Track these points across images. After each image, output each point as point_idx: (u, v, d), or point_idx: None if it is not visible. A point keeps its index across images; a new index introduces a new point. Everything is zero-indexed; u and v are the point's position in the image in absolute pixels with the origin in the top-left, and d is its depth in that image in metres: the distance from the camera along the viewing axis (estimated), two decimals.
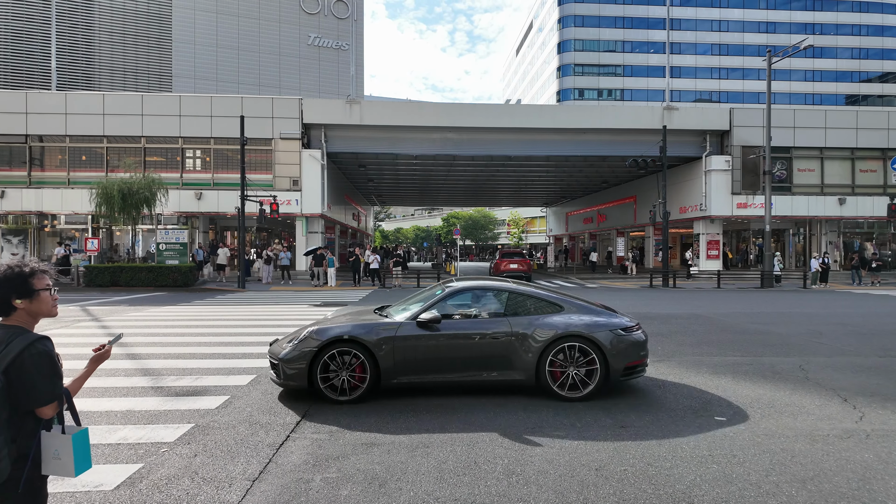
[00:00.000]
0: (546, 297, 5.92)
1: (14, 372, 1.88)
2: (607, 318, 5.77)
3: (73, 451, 1.95)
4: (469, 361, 5.52)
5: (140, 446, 4.26)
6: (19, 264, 2.05)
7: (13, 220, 25.55)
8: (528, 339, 5.47)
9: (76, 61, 53.62)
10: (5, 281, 1.99)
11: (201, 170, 25.83)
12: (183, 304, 14.63)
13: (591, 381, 5.43)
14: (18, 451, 1.91)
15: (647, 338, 5.92)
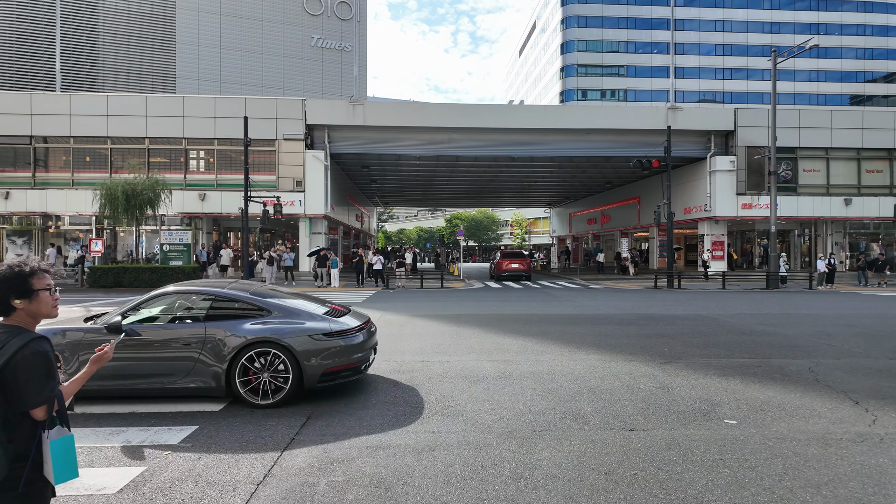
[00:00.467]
0: (252, 301, 5.71)
1: (8, 372, 1.86)
2: (312, 322, 5.61)
3: (52, 457, 1.90)
4: (159, 368, 5.33)
5: (143, 449, 4.22)
6: (19, 264, 2.01)
7: (17, 221, 25.63)
8: (219, 345, 5.30)
9: (80, 63, 53.81)
10: (4, 281, 1.97)
11: (205, 171, 25.85)
12: None
13: (286, 386, 5.30)
14: (16, 451, 1.88)
15: (368, 340, 5.87)
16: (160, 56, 53.20)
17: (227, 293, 5.88)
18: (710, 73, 70.34)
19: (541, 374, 6.65)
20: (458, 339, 9.18)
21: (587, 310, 14.24)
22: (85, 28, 54.30)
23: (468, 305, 15.29)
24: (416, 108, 28.50)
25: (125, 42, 53.91)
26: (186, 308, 5.88)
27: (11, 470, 1.86)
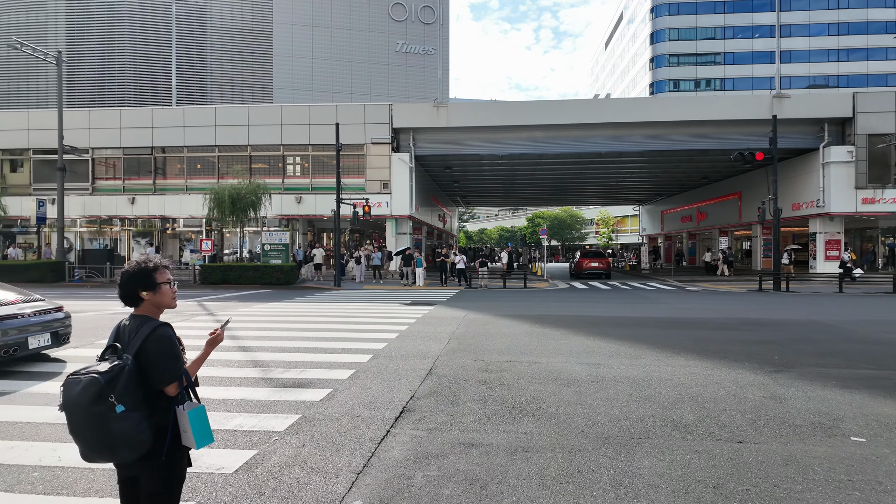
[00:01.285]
0: None
1: (143, 355, 2.15)
2: None
3: (191, 425, 2.18)
4: None
5: (254, 434, 4.55)
6: (144, 261, 2.32)
7: (141, 224, 28.63)
8: None
9: (192, 78, 59.02)
10: (133, 276, 2.26)
11: (300, 175, 27.42)
12: (286, 301, 15.59)
13: None
14: (158, 424, 2.15)
15: None
16: (259, 68, 57.13)
17: None
18: (822, 56, 63.82)
19: (636, 379, 6.38)
20: (545, 340, 9.03)
21: (682, 313, 13.47)
22: (196, 47, 59.53)
23: (553, 306, 15.01)
24: (497, 108, 28.39)
25: (229, 57, 58.47)
26: None
27: (155, 441, 2.14)
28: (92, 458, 2.11)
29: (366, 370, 6.82)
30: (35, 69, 58.31)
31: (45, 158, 27.08)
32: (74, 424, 2.05)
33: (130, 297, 2.27)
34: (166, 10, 59.75)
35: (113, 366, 2.07)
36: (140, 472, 2.20)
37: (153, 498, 2.20)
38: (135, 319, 2.27)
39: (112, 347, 2.19)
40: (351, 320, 11.42)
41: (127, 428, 2.02)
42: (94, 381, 2.00)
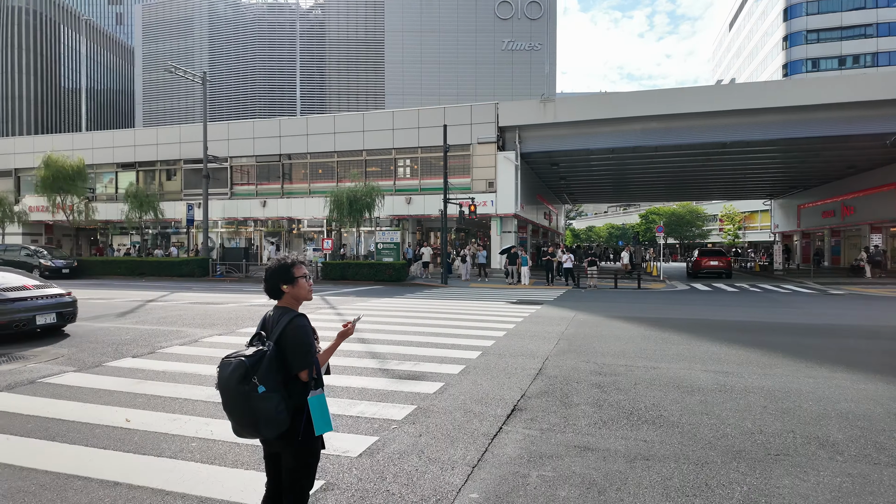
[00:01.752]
0: None
1: (282, 342, 2.38)
2: None
3: (311, 411, 2.36)
4: None
5: (374, 421, 4.82)
6: (284, 258, 2.59)
7: (271, 225, 31.48)
8: None
9: (313, 90, 63.61)
10: (275, 271, 2.53)
11: (410, 177, 28.47)
12: (397, 297, 16.29)
13: None
14: (295, 406, 2.37)
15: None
16: (373, 76, 60.10)
17: None
18: None
19: (770, 390, 5.81)
20: (664, 345, 8.53)
21: (824, 319, 12.00)
22: (316, 60, 64.09)
23: (671, 308, 14.12)
24: (607, 100, 27.26)
25: (346, 68, 62.17)
26: None
27: (293, 421, 2.36)
28: (241, 433, 2.38)
29: (475, 367, 6.92)
30: (184, 89, 66.54)
31: (193, 167, 30.79)
32: (226, 402, 2.33)
33: (273, 290, 2.54)
34: (290, 28, 65.16)
35: (256, 350, 2.33)
36: (281, 449, 2.44)
37: (292, 473, 2.43)
38: (277, 310, 2.53)
39: (258, 335, 2.47)
40: (459, 317, 11.64)
41: (268, 407, 2.26)
42: (241, 363, 2.27)
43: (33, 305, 8.90)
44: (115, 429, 4.66)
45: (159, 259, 27.34)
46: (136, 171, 32.78)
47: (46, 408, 5.23)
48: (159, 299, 15.30)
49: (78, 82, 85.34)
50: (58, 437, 4.46)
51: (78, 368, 6.83)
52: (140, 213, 27.50)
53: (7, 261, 24.79)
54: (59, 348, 8.06)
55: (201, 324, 10.60)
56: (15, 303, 8.67)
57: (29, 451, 4.18)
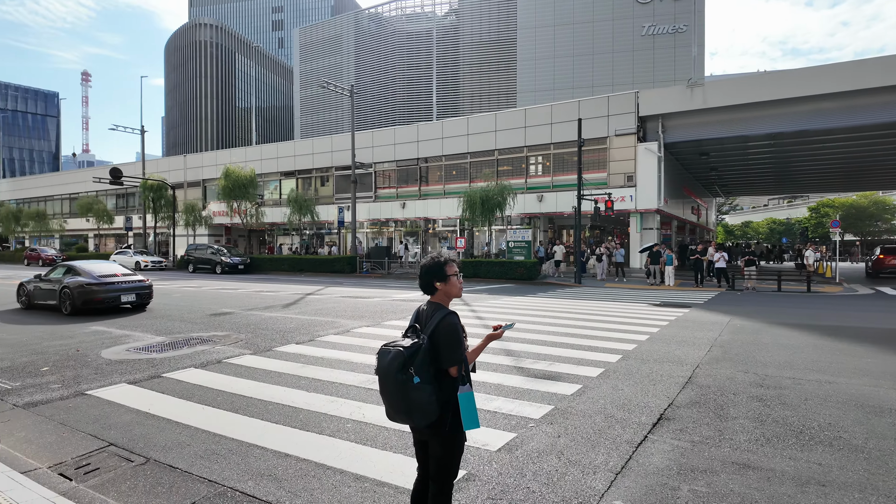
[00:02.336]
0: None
1: (435, 337, 2.48)
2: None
3: (461, 407, 2.44)
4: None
5: (511, 418, 4.87)
6: (437, 256, 2.68)
7: (409, 225, 33.20)
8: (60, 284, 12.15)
9: (448, 94, 65.72)
10: (430, 269, 2.65)
11: (542, 174, 28.11)
12: (529, 296, 16.20)
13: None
14: (444, 399, 2.47)
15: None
16: (504, 76, 60.37)
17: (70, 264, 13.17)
18: None
19: None
20: (842, 357, 7.40)
21: None
22: (450, 65, 66.11)
23: (850, 315, 12.17)
24: (768, 80, 24.21)
25: (478, 70, 63.25)
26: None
27: (442, 413, 2.47)
28: (393, 417, 2.55)
29: (615, 370, 6.64)
30: (335, 102, 72.85)
31: (343, 174, 33.61)
32: (383, 388, 2.51)
33: (427, 287, 2.68)
34: (427, 36, 68.00)
35: (413, 342, 2.47)
36: (429, 438, 2.58)
37: (438, 461, 2.57)
38: (430, 306, 2.66)
39: (413, 328, 2.63)
40: (595, 318, 11.23)
41: (421, 397, 2.39)
42: (400, 353, 2.43)
43: (120, 288, 12.29)
44: (285, 406, 5.29)
45: (315, 257, 30.37)
46: (295, 178, 36.71)
47: (230, 384, 6.11)
48: (316, 293, 16.98)
49: (249, 102, 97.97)
50: (240, 410, 5.19)
51: (253, 352, 7.87)
52: (299, 216, 30.76)
53: (197, 257, 29.44)
54: (238, 334, 9.35)
55: (352, 315, 11.56)
56: (107, 285, 12.04)
57: (219, 420, 4.92)
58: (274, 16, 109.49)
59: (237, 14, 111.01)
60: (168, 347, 8.16)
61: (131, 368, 6.84)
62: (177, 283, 21.09)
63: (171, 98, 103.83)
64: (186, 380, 6.31)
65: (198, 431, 4.60)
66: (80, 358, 7.46)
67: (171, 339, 8.90)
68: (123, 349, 8.04)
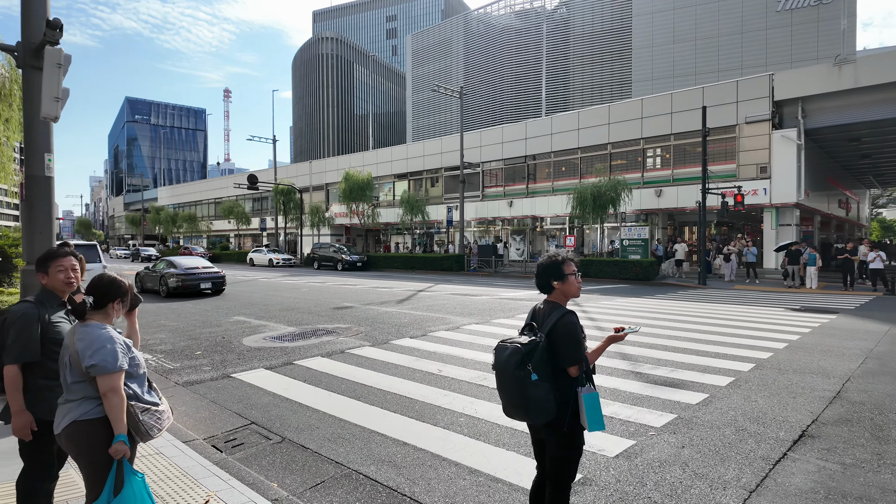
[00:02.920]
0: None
1: (552, 336, 2.46)
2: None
3: (585, 408, 2.40)
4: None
5: (629, 424, 4.66)
6: (554, 255, 2.63)
7: (517, 223, 33.02)
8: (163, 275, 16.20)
9: (557, 89, 64.35)
10: (547, 267, 2.62)
11: (661, 167, 26.45)
12: (646, 297, 15.34)
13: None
14: (561, 399, 2.44)
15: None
16: (618, 66, 57.72)
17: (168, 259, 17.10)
18: None
19: None
20: None
21: None
22: (560, 59, 64.66)
23: None
24: None
25: (590, 62, 61.17)
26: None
27: (559, 412, 2.44)
28: (511, 413, 2.56)
29: (747, 380, 6.08)
30: (444, 105, 74.55)
31: (452, 174, 34.31)
32: (501, 383, 2.53)
33: (544, 286, 2.66)
34: (536, 32, 67.09)
35: (531, 340, 2.46)
36: (547, 436, 2.56)
37: (556, 461, 2.55)
38: (547, 304, 2.64)
39: (529, 326, 2.62)
40: (723, 323, 10.35)
41: (538, 394, 2.38)
42: (518, 349, 2.43)
43: (200, 277, 15.98)
44: (401, 397, 5.55)
45: (425, 255, 31.39)
46: (408, 180, 38.18)
47: (352, 373, 6.53)
48: (426, 290, 17.54)
49: (366, 109, 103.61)
50: (361, 398, 5.53)
51: (372, 344, 8.33)
52: (411, 216, 31.96)
53: (321, 255, 31.81)
54: (358, 326, 9.95)
55: (461, 313, 11.78)
56: (192, 276, 15.84)
57: (343, 406, 5.29)
58: (388, 25, 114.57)
59: (355, 26, 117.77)
60: (298, 337, 8.92)
61: (268, 355, 7.59)
62: (304, 279, 22.94)
63: (298, 108, 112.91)
64: (314, 367, 6.86)
65: (325, 416, 4.99)
66: (225, 344, 8.43)
67: (300, 329, 9.72)
68: (261, 337, 8.94)
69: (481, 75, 73.52)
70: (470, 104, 67.19)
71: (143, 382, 2.48)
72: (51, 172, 5.17)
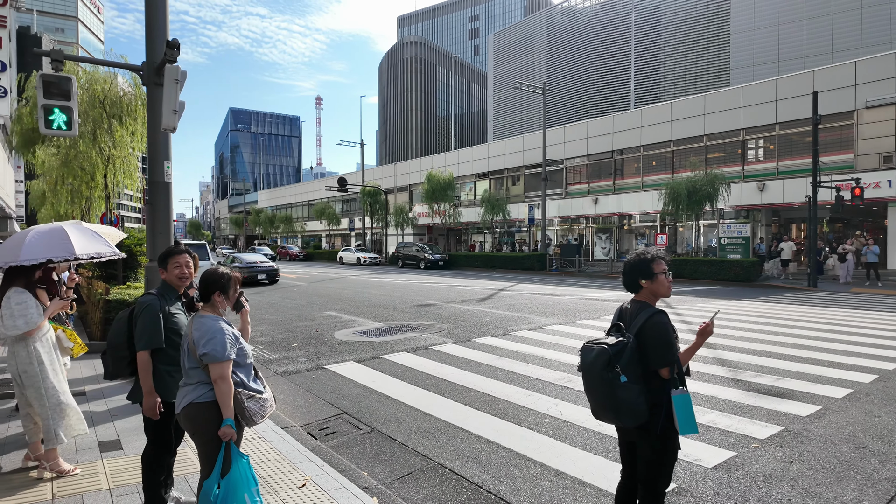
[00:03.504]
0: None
1: (642, 336, 2.37)
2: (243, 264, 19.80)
3: (675, 411, 2.30)
4: None
5: (729, 434, 4.36)
6: (643, 252, 2.53)
7: (602, 221, 31.92)
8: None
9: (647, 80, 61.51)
10: (635, 265, 2.53)
11: (763, 159, 24.40)
12: (748, 300, 14.24)
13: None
14: (652, 401, 2.34)
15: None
16: (714, 53, 54.08)
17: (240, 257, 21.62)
18: None
19: None
20: None
21: None
22: (651, 48, 61.72)
23: None
24: None
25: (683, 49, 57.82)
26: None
27: (651, 415, 2.34)
28: (600, 416, 2.50)
29: (868, 392, 5.47)
30: (527, 102, 73.72)
31: (533, 172, 33.83)
32: (589, 385, 2.46)
33: (632, 284, 2.56)
34: (624, 22, 64.47)
35: (619, 341, 2.38)
36: (637, 439, 2.47)
37: (648, 465, 2.44)
38: (635, 304, 2.55)
39: (616, 326, 2.53)
40: (838, 329, 9.36)
41: (628, 396, 2.30)
42: (604, 350, 2.36)
43: (258, 270, 19.45)
44: (484, 395, 5.57)
45: (506, 254, 31.21)
46: (488, 179, 38.16)
47: (436, 369, 6.65)
48: (507, 289, 17.45)
49: (448, 110, 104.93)
50: (445, 394, 5.62)
51: (454, 341, 8.44)
52: (492, 215, 31.94)
53: (404, 254, 32.69)
54: (441, 324, 10.12)
55: (543, 312, 11.60)
56: (251, 269, 19.22)
57: (428, 400, 5.41)
58: (470, 25, 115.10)
59: (437, 28, 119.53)
60: (385, 332, 9.23)
61: (357, 349, 7.93)
62: (389, 277, 23.68)
63: (384, 113, 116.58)
64: (400, 362, 7.07)
65: (411, 409, 5.13)
66: (319, 337, 8.91)
67: (386, 325, 10.05)
68: (350, 332, 9.35)
69: (565, 70, 71.83)
70: (553, 100, 65.86)
71: (250, 371, 2.69)
72: (169, 178, 5.74)
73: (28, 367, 3.53)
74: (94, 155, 13.36)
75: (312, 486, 3.37)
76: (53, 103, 5.68)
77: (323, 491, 3.31)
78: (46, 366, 3.61)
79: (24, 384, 3.54)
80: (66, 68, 6.24)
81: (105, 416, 4.74)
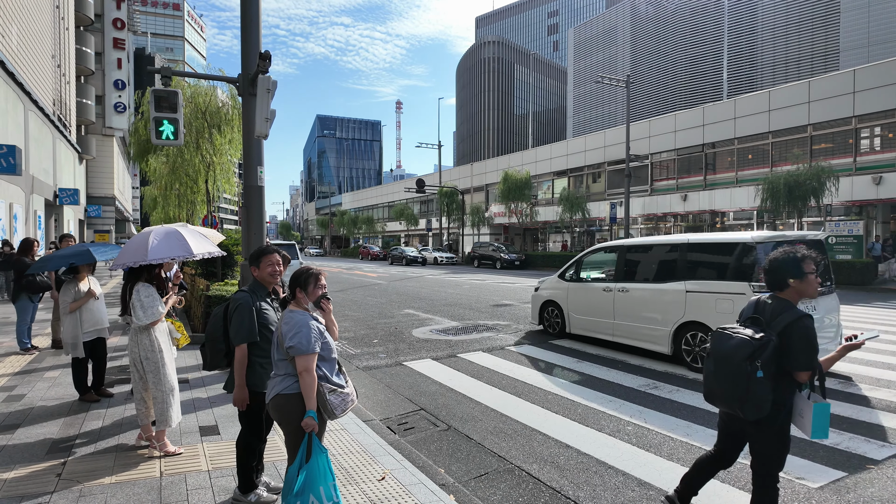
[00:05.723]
0: None
1: (784, 338, 2.36)
2: None
3: (813, 417, 2.34)
4: None
5: (838, 453, 3.96)
6: (792, 251, 2.50)
7: (691, 220, 30.13)
8: None
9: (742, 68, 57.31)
10: (784, 263, 2.49)
11: (881, 149, 21.89)
12: (861, 304, 12.81)
13: None
14: (776, 399, 2.38)
15: None
16: (820, 35, 49.38)
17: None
18: None
19: None
20: None
21: None
22: (745, 36, 57.47)
23: None
24: None
25: (783, 34, 53.32)
26: None
27: (772, 411, 2.38)
28: (716, 400, 2.56)
29: None
30: (608, 96, 71.24)
31: (616, 168, 32.61)
32: (717, 371, 2.49)
33: (778, 283, 2.52)
34: (716, 8, 60.47)
35: (763, 336, 2.37)
36: (751, 432, 2.50)
37: (762, 457, 2.50)
38: (776, 301, 2.50)
39: (753, 319, 2.50)
40: None
41: (761, 391, 2.32)
42: (747, 342, 2.37)
43: (413, 256, 29.89)
44: (562, 398, 5.44)
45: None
46: (567, 177, 37.26)
47: (512, 370, 6.59)
48: None
49: (525, 108, 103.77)
50: (522, 395, 5.55)
51: (531, 342, 8.32)
52: (570, 214, 31.15)
53: (480, 254, 32.74)
54: (517, 324, 10.01)
55: None
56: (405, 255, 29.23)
57: (504, 401, 5.37)
58: (549, 20, 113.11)
59: (516, 26, 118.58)
60: (461, 332, 9.29)
61: (434, 347, 8.04)
62: (465, 276, 23.81)
63: (461, 114, 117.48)
64: (476, 361, 7.08)
65: (487, 409, 5.12)
66: (398, 334, 9.13)
67: (463, 324, 10.11)
68: (428, 330, 9.50)
69: (650, 61, 68.61)
70: (637, 93, 63.13)
71: (334, 366, 2.79)
72: (262, 182, 6.13)
73: (150, 353, 3.93)
74: (196, 162, 14.59)
75: (391, 480, 3.45)
76: (163, 115, 6.26)
77: (401, 485, 3.38)
78: (165, 353, 4.00)
79: (145, 370, 3.93)
80: (172, 83, 6.85)
81: (205, 403, 5.14)
